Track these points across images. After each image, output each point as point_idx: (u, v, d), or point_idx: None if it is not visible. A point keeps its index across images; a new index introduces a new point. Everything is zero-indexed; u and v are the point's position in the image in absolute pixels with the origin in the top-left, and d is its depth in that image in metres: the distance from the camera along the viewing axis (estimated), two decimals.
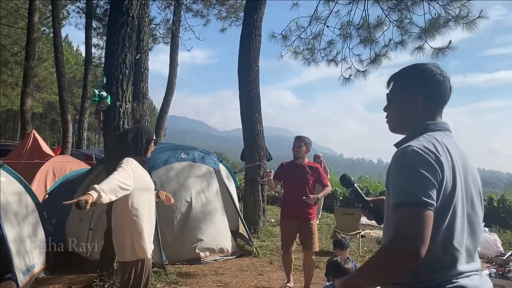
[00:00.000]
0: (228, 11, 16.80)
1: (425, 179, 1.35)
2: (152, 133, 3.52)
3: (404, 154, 1.41)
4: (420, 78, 1.61)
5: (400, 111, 1.65)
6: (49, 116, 52.88)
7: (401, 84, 1.67)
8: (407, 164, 1.39)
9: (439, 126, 1.58)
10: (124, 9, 4.82)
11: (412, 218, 1.33)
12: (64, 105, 16.04)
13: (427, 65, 1.63)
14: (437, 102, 1.61)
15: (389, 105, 1.70)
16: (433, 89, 1.60)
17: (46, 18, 24.39)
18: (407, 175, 1.38)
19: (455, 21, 7.51)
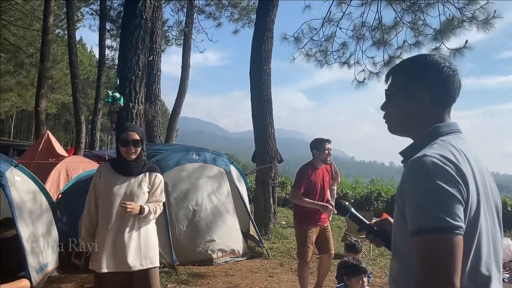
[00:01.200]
0: (241, 13, 16.88)
1: (449, 197, 1.12)
2: (125, 131, 3.14)
3: (421, 167, 1.18)
4: (426, 71, 1.38)
5: (402, 110, 1.42)
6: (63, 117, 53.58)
7: (403, 78, 1.43)
8: (426, 179, 1.15)
9: (451, 128, 1.36)
10: (137, 11, 4.87)
11: (440, 247, 1.10)
12: (77, 106, 16.23)
13: (433, 56, 1.41)
14: (446, 100, 1.38)
15: (388, 102, 1.47)
16: (442, 85, 1.37)
17: (60, 20, 24.73)
18: (427, 194, 1.13)
19: (470, 22, 7.44)
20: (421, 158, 1.19)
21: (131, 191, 3.10)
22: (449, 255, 1.09)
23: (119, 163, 3.16)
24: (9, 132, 47.84)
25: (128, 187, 3.10)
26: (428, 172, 1.15)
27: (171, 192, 6.32)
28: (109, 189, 3.08)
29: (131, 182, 3.12)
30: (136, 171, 3.14)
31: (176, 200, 6.34)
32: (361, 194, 12.92)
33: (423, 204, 1.13)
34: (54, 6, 16.66)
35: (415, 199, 1.16)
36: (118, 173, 3.11)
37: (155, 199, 3.22)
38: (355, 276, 3.39)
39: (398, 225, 1.28)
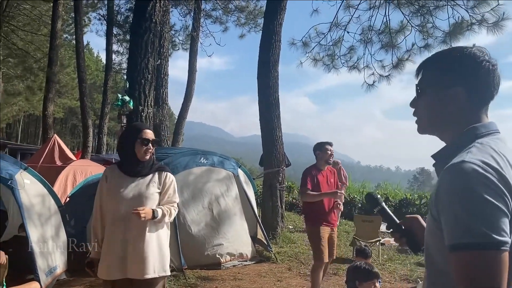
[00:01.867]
0: (247, 17, 16.92)
1: (493, 209, 1.01)
2: (137, 130, 3.03)
3: (460, 174, 1.06)
4: (463, 65, 1.25)
5: (435, 107, 1.30)
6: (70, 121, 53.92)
7: (436, 72, 1.30)
8: (467, 189, 1.03)
9: (489, 129, 1.23)
10: (147, 15, 4.89)
11: (484, 265, 0.99)
12: (85, 110, 16.30)
13: (471, 49, 1.28)
14: (483, 97, 1.26)
15: (419, 99, 1.35)
16: (480, 80, 1.24)
17: (68, 25, 24.93)
18: (469, 205, 1.02)
19: (480, 24, 7.39)
20: (460, 165, 1.07)
21: (139, 192, 2.94)
22: (494, 274, 0.99)
23: (127, 164, 3.02)
24: (17, 136, 48.17)
25: (135, 188, 2.95)
26: (468, 181, 1.04)
27: (179, 194, 6.29)
28: (116, 191, 2.94)
29: (139, 183, 2.97)
30: (144, 171, 3.00)
31: (184, 204, 6.32)
32: None
33: (463, 217, 1.02)
34: (62, 11, 16.78)
35: (453, 211, 1.05)
36: (125, 175, 2.98)
37: (168, 200, 3.06)
38: (367, 280, 3.35)
39: (432, 236, 1.19)
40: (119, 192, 2.93)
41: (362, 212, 11.92)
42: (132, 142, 2.96)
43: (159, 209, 2.94)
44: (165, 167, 3.20)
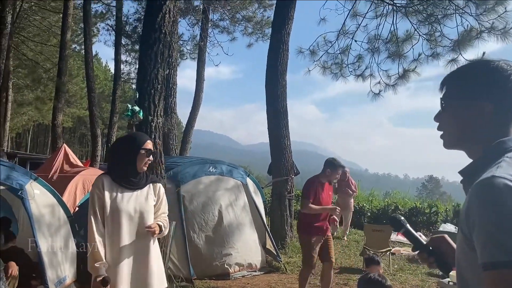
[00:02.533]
0: (254, 27, 17.00)
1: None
2: (140, 141, 2.93)
3: (491, 191, 1.02)
4: (490, 79, 1.23)
5: (461, 122, 1.27)
6: (78, 130, 54.29)
7: (463, 87, 1.28)
8: (499, 205, 1.00)
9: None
10: (156, 25, 4.92)
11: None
12: (94, 120, 16.41)
13: (497, 62, 1.26)
14: (511, 111, 1.23)
15: (444, 113, 1.32)
16: (507, 94, 1.21)
17: (77, 35, 25.22)
18: (501, 222, 0.98)
19: (489, 32, 7.35)
20: (490, 180, 1.03)
21: (140, 207, 2.86)
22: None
23: (122, 176, 2.87)
24: (26, 146, 48.60)
25: (136, 203, 2.85)
26: (500, 196, 1.00)
27: (188, 204, 6.30)
28: (116, 206, 2.79)
29: (138, 196, 2.88)
30: (141, 183, 2.91)
31: (193, 213, 6.31)
32: (377, 208, 12.73)
33: (496, 234, 0.98)
34: (71, 22, 16.98)
35: (486, 228, 1.01)
36: (122, 187, 2.85)
37: (161, 212, 3.02)
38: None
39: (464, 255, 1.14)
40: (119, 206, 2.81)
41: (371, 221, 11.81)
42: (134, 153, 2.85)
43: (160, 223, 2.90)
44: (157, 179, 3.23)
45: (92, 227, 2.75)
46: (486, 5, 7.53)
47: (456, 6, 8.06)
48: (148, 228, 2.77)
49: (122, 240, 2.78)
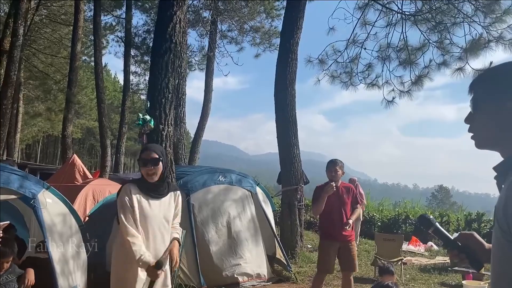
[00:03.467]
0: (262, 37, 17.11)
1: None
2: (144, 151, 3.07)
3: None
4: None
5: (491, 122, 1.30)
6: (87, 141, 54.71)
7: (491, 88, 1.31)
8: None
9: None
10: (167, 35, 4.97)
11: None
12: (103, 130, 16.55)
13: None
14: None
15: (474, 115, 1.35)
16: None
17: (87, 47, 25.56)
18: None
19: (497, 41, 7.34)
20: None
21: (165, 215, 2.99)
22: None
23: (147, 185, 2.98)
24: (36, 157, 49.02)
25: (161, 210, 2.98)
26: None
27: (197, 213, 6.29)
28: (144, 212, 2.91)
29: (162, 204, 3.00)
30: (164, 191, 3.03)
31: (203, 222, 6.30)
32: (388, 217, 12.63)
33: None
34: (81, 34, 17.23)
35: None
36: (148, 196, 2.96)
37: (177, 220, 3.19)
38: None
39: (502, 250, 1.14)
40: (147, 214, 2.92)
41: (381, 230, 11.71)
42: (140, 167, 3.02)
43: (177, 235, 3.09)
44: (177, 186, 3.35)
45: (127, 227, 2.83)
46: (494, 15, 7.53)
47: (465, 15, 8.07)
48: (167, 256, 2.95)
49: (148, 245, 2.90)
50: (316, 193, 5.18)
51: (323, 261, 5.10)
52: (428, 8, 8.53)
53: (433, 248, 10.26)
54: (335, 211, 5.00)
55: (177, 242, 2.98)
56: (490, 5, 7.39)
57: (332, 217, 5.01)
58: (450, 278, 7.19)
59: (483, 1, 7.76)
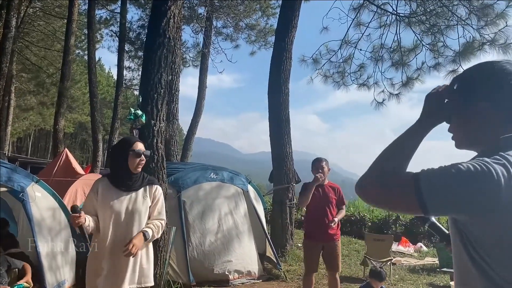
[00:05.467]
0: (258, 35, 17.08)
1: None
2: (128, 143, 3.06)
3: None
4: (488, 80, 1.27)
5: (465, 123, 1.31)
6: (79, 136, 54.38)
7: (465, 88, 1.31)
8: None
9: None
10: (161, 30, 4.93)
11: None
12: (95, 125, 16.45)
13: (497, 63, 1.29)
14: (510, 108, 1.24)
15: (452, 116, 1.36)
16: (505, 92, 1.23)
17: (81, 41, 25.36)
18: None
19: (491, 44, 7.38)
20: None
21: (133, 208, 2.97)
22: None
23: (118, 177, 3.01)
24: (27, 150, 48.62)
25: (129, 203, 2.97)
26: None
27: (188, 210, 6.27)
28: (109, 206, 2.92)
29: (132, 198, 2.99)
30: (137, 185, 3.02)
31: (194, 219, 6.28)
32: (378, 218, 12.69)
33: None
34: (75, 28, 17.09)
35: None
36: (117, 189, 2.97)
37: (157, 214, 3.10)
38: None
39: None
40: (112, 206, 2.92)
41: (372, 231, 11.76)
42: (125, 155, 2.97)
43: (149, 229, 2.95)
44: (155, 180, 3.24)
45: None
46: (487, 18, 7.57)
47: (459, 18, 8.11)
48: (126, 254, 2.79)
49: (108, 240, 2.91)
50: (303, 187, 5.18)
51: (307, 260, 5.13)
52: (422, 10, 8.56)
53: (422, 249, 10.32)
54: (320, 209, 4.97)
55: (141, 234, 2.88)
56: (484, 9, 7.43)
57: (316, 215, 4.99)
58: (439, 279, 7.23)
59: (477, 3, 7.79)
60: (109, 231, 2.90)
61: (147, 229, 2.93)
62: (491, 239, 1.11)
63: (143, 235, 2.88)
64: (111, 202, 2.92)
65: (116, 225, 2.91)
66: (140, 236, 2.87)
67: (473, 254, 1.14)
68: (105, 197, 2.94)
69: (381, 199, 1.25)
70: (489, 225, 1.10)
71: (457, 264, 1.24)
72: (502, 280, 1.09)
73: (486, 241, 1.12)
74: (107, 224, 2.90)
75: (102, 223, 2.92)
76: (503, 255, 1.10)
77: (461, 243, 1.17)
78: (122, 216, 2.93)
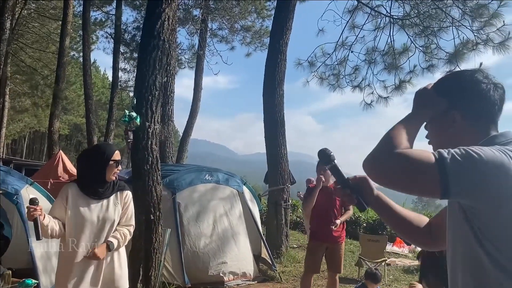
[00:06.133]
0: (253, 37, 17.11)
1: None
2: (109, 151, 2.98)
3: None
4: (457, 89, 1.30)
5: (439, 130, 1.34)
6: (75, 138, 54.17)
7: (439, 97, 1.33)
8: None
9: (508, 137, 1.25)
10: (155, 32, 4.94)
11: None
12: (90, 127, 16.42)
13: (465, 72, 1.33)
14: (481, 118, 1.27)
15: (428, 123, 1.39)
16: (475, 102, 1.27)
17: (76, 42, 25.28)
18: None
19: (485, 44, 7.44)
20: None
21: (104, 217, 2.89)
22: None
23: (90, 185, 2.90)
24: (22, 152, 48.38)
25: (101, 212, 2.88)
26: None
27: (183, 212, 6.28)
28: (80, 215, 2.83)
29: (103, 206, 2.91)
30: (108, 192, 2.94)
31: (188, 220, 6.29)
32: (373, 218, 12.73)
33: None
34: (70, 29, 17.05)
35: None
36: (88, 197, 2.88)
37: (125, 221, 3.02)
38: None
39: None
40: (83, 215, 2.84)
41: (367, 231, 11.80)
42: (104, 164, 2.89)
43: (115, 239, 2.88)
44: (125, 185, 3.13)
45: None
46: (482, 18, 7.62)
47: (453, 19, 8.17)
48: (91, 256, 2.78)
49: (80, 247, 2.81)
50: (308, 191, 5.29)
51: (310, 261, 5.12)
52: (416, 12, 8.61)
53: (417, 249, 10.36)
54: (324, 211, 4.99)
55: (105, 245, 2.83)
56: (478, 9, 7.48)
57: (321, 217, 5.01)
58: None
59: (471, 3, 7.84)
60: (80, 240, 2.81)
61: (113, 239, 2.87)
62: (502, 229, 1.10)
63: (106, 246, 2.83)
64: (82, 210, 2.83)
65: (87, 234, 2.83)
66: (103, 247, 2.82)
67: (485, 243, 1.12)
68: (75, 205, 2.84)
69: (395, 176, 1.19)
70: (502, 214, 1.10)
71: (462, 255, 1.20)
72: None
73: (497, 230, 1.11)
74: (78, 232, 2.81)
75: (73, 231, 2.82)
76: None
77: (472, 232, 1.14)
78: (93, 224, 2.85)
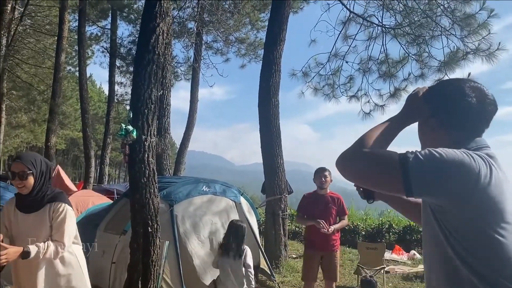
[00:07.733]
0: (247, 48, 17.26)
1: None
2: (12, 164, 2.88)
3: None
4: (439, 98, 1.34)
5: (424, 136, 1.41)
6: (71, 152, 54.10)
7: (424, 105, 1.38)
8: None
9: (480, 144, 1.30)
10: (150, 47, 5.01)
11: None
12: (87, 141, 16.46)
13: (451, 82, 1.39)
14: (460, 127, 1.31)
15: (418, 127, 1.46)
16: (454, 112, 1.31)
17: (71, 57, 25.40)
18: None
19: (475, 53, 7.57)
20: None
21: (30, 231, 2.79)
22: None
23: (19, 199, 2.85)
24: None
25: (27, 226, 2.79)
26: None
27: (180, 224, 6.28)
28: (13, 229, 2.82)
29: (31, 219, 2.81)
30: (36, 205, 2.82)
31: (186, 232, 6.29)
32: (372, 226, 12.74)
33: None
34: (65, 45, 17.16)
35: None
36: (18, 210, 2.84)
37: (55, 233, 2.82)
38: None
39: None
40: (16, 228, 2.83)
41: (365, 240, 11.81)
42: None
43: (35, 247, 2.64)
44: (58, 196, 2.93)
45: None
46: (470, 28, 7.76)
47: (443, 28, 8.31)
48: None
49: (14, 265, 2.82)
50: (303, 202, 5.34)
51: (306, 270, 5.21)
52: (407, 21, 8.75)
53: (416, 256, 10.38)
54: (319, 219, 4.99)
55: (20, 248, 2.60)
56: (466, 19, 7.62)
57: (313, 228, 5.05)
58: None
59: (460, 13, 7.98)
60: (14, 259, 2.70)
61: (31, 248, 2.63)
62: (468, 230, 1.15)
63: (22, 250, 2.61)
64: (14, 224, 2.82)
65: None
66: (17, 249, 2.60)
67: (454, 244, 1.17)
68: (10, 219, 2.84)
69: (363, 174, 1.27)
70: (466, 214, 1.15)
71: (435, 255, 1.26)
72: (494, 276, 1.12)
73: (463, 231, 1.16)
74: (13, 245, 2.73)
75: (12, 244, 2.74)
76: (484, 250, 1.13)
77: (442, 233, 1.19)
78: (23, 238, 2.77)
